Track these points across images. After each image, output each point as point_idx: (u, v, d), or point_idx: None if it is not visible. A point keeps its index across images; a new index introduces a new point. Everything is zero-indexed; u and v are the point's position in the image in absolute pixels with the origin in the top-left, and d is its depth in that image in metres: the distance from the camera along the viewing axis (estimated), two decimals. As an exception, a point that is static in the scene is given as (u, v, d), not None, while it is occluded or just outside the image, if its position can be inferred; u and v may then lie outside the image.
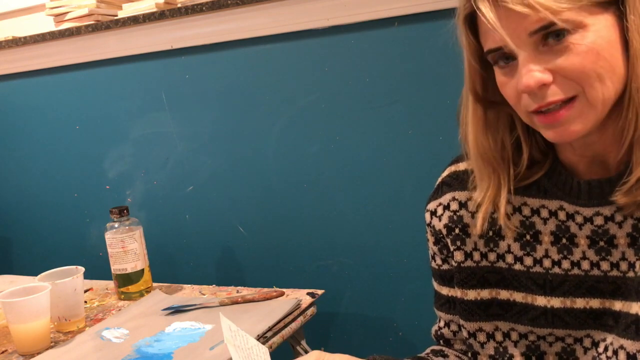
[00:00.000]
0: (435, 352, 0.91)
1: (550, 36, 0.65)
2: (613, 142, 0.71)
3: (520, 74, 0.67)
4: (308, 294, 1.32)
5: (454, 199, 0.84)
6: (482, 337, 0.82)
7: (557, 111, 0.67)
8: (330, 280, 1.57)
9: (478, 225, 0.80)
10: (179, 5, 1.59)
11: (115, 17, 1.70)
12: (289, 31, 1.50)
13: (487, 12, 0.67)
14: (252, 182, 1.64)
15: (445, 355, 0.90)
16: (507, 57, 0.69)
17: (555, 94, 0.67)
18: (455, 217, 0.84)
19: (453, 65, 1.35)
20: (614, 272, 0.73)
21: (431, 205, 0.88)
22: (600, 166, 0.74)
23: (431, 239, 0.89)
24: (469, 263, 0.83)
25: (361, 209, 1.51)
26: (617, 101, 0.68)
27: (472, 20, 0.71)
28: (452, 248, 0.84)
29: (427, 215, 0.88)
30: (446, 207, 0.85)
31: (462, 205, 0.83)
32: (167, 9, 1.60)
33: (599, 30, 0.65)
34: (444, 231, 0.85)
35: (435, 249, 0.88)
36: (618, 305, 0.73)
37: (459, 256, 0.83)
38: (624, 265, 0.73)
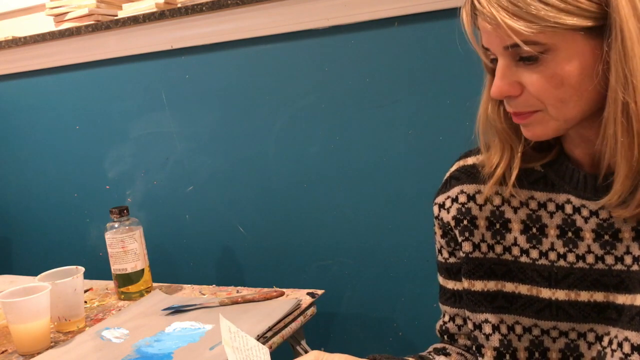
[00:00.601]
0: (437, 350, 0.91)
1: (522, 55, 0.67)
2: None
3: (494, 81, 0.71)
4: (308, 294, 1.32)
5: (462, 191, 0.85)
6: (487, 329, 0.83)
7: (523, 115, 0.72)
8: (330, 280, 1.57)
9: (486, 191, 0.82)
10: (179, 5, 1.59)
11: (115, 17, 1.70)
12: (289, 31, 1.50)
13: (465, 22, 0.71)
14: (252, 182, 1.64)
15: (447, 354, 0.90)
16: (496, 58, 0.72)
17: (518, 106, 0.71)
18: (463, 209, 0.85)
19: (453, 65, 1.36)
20: (619, 266, 0.74)
21: (439, 199, 0.89)
22: (601, 161, 0.74)
23: (439, 232, 0.90)
24: (476, 254, 0.84)
25: (361, 209, 1.51)
26: (598, 109, 0.69)
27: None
28: (460, 239, 0.85)
29: (435, 208, 0.89)
30: (454, 200, 0.86)
31: (471, 197, 0.85)
32: (167, 9, 1.60)
33: (572, 57, 0.66)
34: (452, 223, 0.86)
35: (443, 242, 0.89)
36: (622, 299, 0.73)
37: (467, 247, 0.84)
38: (628, 259, 0.73)
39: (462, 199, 0.85)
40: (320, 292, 1.34)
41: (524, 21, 0.64)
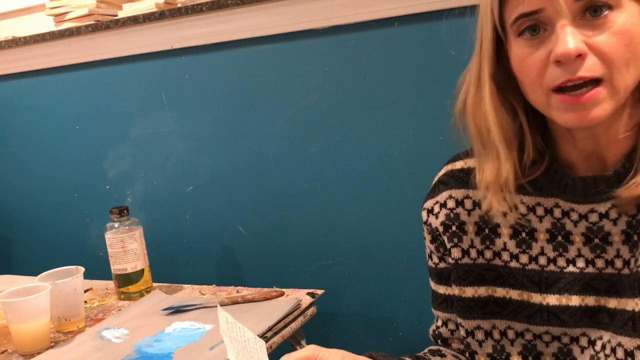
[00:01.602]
0: (432, 352, 0.91)
1: (590, 10, 0.65)
2: (617, 137, 0.71)
3: (559, 39, 0.65)
4: (308, 294, 1.32)
5: (450, 197, 0.84)
6: (480, 335, 0.82)
7: (583, 94, 0.66)
8: (330, 280, 1.57)
9: (494, 204, 0.77)
10: (179, 5, 1.59)
11: (115, 17, 1.70)
12: (289, 31, 1.50)
13: None
14: (252, 182, 1.64)
15: (442, 355, 0.90)
16: (535, 29, 0.67)
17: (586, 70, 0.65)
18: (452, 215, 0.84)
19: (453, 66, 1.35)
20: (609, 270, 0.73)
21: (428, 204, 0.88)
22: (597, 162, 0.74)
23: (428, 237, 0.89)
24: (465, 260, 0.83)
25: (361, 209, 1.51)
26: (630, 94, 0.68)
27: None
28: (449, 245, 0.84)
29: (424, 214, 0.88)
30: (443, 205, 0.85)
31: (459, 203, 0.83)
32: (167, 9, 1.60)
33: (634, 14, 0.66)
34: (441, 229, 0.85)
35: (432, 247, 0.88)
36: (613, 303, 0.73)
37: (456, 253, 0.83)
38: (618, 263, 0.73)
39: (451, 204, 0.84)
40: (320, 292, 1.34)
41: None
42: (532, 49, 0.68)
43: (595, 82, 0.66)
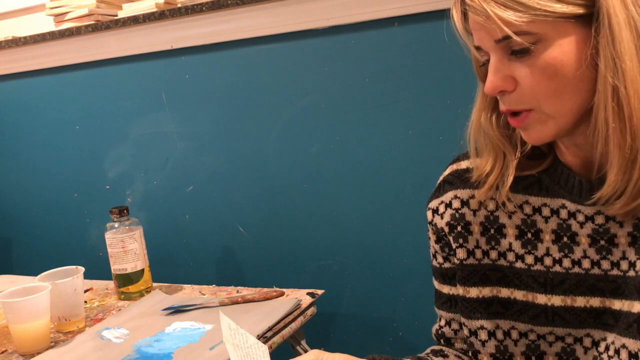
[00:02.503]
0: (435, 352, 0.91)
1: (514, 47, 0.67)
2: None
3: (487, 77, 0.70)
4: (308, 294, 1.32)
5: (455, 196, 0.84)
6: (483, 335, 0.82)
7: (519, 117, 0.70)
8: (330, 280, 1.57)
9: (477, 197, 0.81)
10: (179, 5, 1.59)
11: (115, 17, 1.70)
12: (289, 31, 1.50)
13: (456, 20, 0.70)
14: (252, 182, 1.64)
15: (445, 355, 0.90)
16: (488, 55, 0.71)
17: (512, 103, 0.70)
18: (457, 215, 0.84)
19: (453, 65, 1.36)
20: (615, 271, 0.73)
21: (433, 204, 0.88)
22: (594, 166, 0.74)
23: (433, 237, 0.89)
24: (471, 261, 0.83)
25: (361, 209, 1.51)
26: (588, 109, 0.68)
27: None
28: (454, 245, 0.84)
29: (429, 214, 0.88)
30: (448, 205, 0.85)
31: (464, 203, 0.84)
32: (167, 9, 1.60)
33: (563, 45, 0.65)
34: (446, 229, 0.85)
35: (437, 247, 0.88)
36: (618, 305, 0.73)
37: (461, 254, 0.83)
38: (624, 265, 0.73)
39: (456, 204, 0.84)
40: (320, 292, 1.33)
41: (513, 11, 0.64)
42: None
43: (526, 110, 0.69)
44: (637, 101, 0.64)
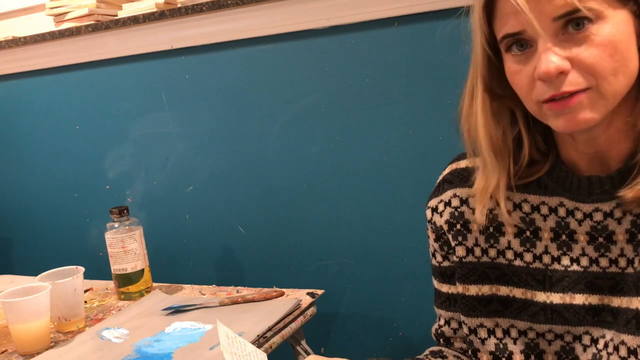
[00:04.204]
0: (434, 354, 0.91)
1: (571, 24, 0.65)
2: (618, 137, 0.72)
3: (540, 59, 0.66)
4: (308, 294, 1.32)
5: (455, 195, 0.85)
6: (482, 333, 0.82)
7: (570, 98, 0.66)
8: (330, 280, 1.57)
9: (477, 215, 0.80)
10: (179, 5, 1.59)
11: (115, 17, 1.70)
12: (289, 31, 1.50)
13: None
14: (252, 182, 1.64)
15: (444, 357, 0.90)
16: (522, 45, 0.69)
17: (570, 84, 0.66)
18: (456, 213, 0.84)
19: (453, 66, 1.35)
20: (613, 269, 0.74)
21: (432, 202, 0.88)
22: (600, 163, 0.74)
23: (432, 236, 0.89)
24: (470, 258, 0.83)
25: (361, 209, 1.51)
26: (627, 96, 0.68)
27: (489, 6, 0.71)
28: (453, 243, 0.85)
29: (428, 212, 0.89)
30: (447, 204, 0.85)
31: (463, 201, 0.84)
32: (167, 9, 1.60)
33: (618, 23, 0.65)
34: (445, 227, 0.85)
35: (436, 245, 0.89)
36: (617, 302, 0.73)
37: (460, 251, 0.84)
38: (622, 262, 0.73)
39: (455, 202, 0.85)
40: (320, 292, 1.34)
41: None
42: (521, 65, 0.69)
43: (582, 90, 0.67)
44: None
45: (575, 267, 0.76)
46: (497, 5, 0.70)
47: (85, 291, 1.49)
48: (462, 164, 0.86)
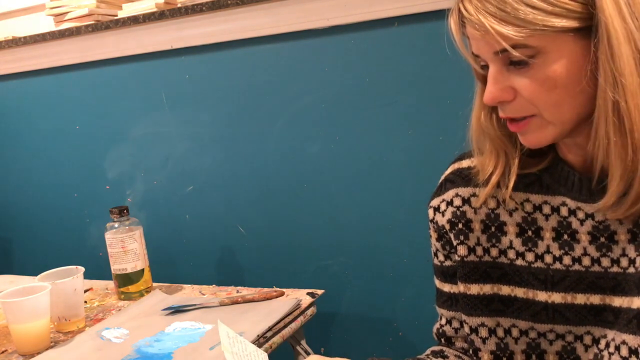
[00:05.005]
0: (435, 353, 0.91)
1: (512, 59, 0.67)
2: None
3: (486, 87, 0.70)
4: (308, 294, 1.32)
5: (457, 195, 0.85)
6: (484, 333, 0.83)
7: (519, 122, 0.71)
8: (330, 280, 1.57)
9: (481, 199, 0.82)
10: (179, 5, 1.59)
11: (115, 17, 1.70)
12: (289, 31, 1.50)
13: (454, 32, 0.71)
14: (252, 183, 1.64)
15: (445, 357, 0.90)
16: (487, 64, 0.71)
17: (512, 112, 0.70)
18: (458, 213, 0.84)
19: (453, 65, 1.35)
20: (615, 268, 0.74)
21: (434, 202, 0.88)
22: (595, 165, 0.74)
23: (434, 235, 0.89)
24: (472, 258, 0.83)
25: (361, 209, 1.51)
26: (588, 114, 0.68)
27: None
28: (455, 243, 0.85)
29: (430, 212, 0.89)
30: (449, 203, 0.86)
31: (465, 201, 0.84)
32: (167, 9, 1.60)
33: (562, 58, 0.65)
34: (447, 226, 0.86)
35: (438, 245, 0.89)
36: (618, 301, 0.73)
37: (462, 250, 0.84)
38: (624, 262, 0.73)
39: (457, 202, 0.85)
40: (320, 292, 1.34)
41: (512, 26, 0.64)
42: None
43: (529, 116, 0.70)
44: (638, 115, 0.64)
45: (576, 266, 0.76)
46: None
47: (85, 291, 1.49)
48: (464, 163, 0.86)
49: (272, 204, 1.63)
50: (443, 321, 0.92)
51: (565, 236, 0.77)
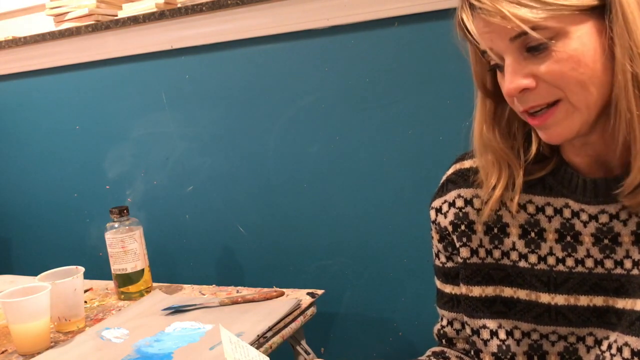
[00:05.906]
0: (436, 354, 0.91)
1: (531, 44, 0.66)
2: (617, 141, 0.71)
3: (505, 78, 0.69)
4: (308, 294, 1.32)
5: (459, 196, 0.85)
6: (485, 335, 0.82)
7: (543, 114, 0.69)
8: (330, 280, 1.57)
9: (485, 214, 0.81)
10: (179, 5, 1.59)
11: (115, 17, 1.70)
12: (289, 31, 1.50)
13: (468, 24, 0.69)
14: (252, 182, 1.64)
15: (446, 357, 0.90)
16: (501, 58, 0.70)
17: (537, 99, 0.68)
18: (461, 214, 0.84)
19: (453, 65, 1.36)
20: (618, 270, 0.73)
21: (436, 203, 0.88)
22: (603, 166, 0.74)
23: (436, 237, 0.89)
24: (474, 259, 0.83)
25: (361, 209, 1.51)
26: (607, 104, 0.68)
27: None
28: (457, 244, 0.85)
29: (432, 213, 0.88)
30: (451, 204, 0.85)
31: (468, 202, 0.84)
32: (167, 9, 1.60)
33: (581, 37, 0.65)
34: (450, 228, 0.85)
35: (440, 246, 0.88)
36: (621, 303, 0.73)
37: (464, 252, 0.84)
38: (628, 263, 0.73)
39: (460, 203, 0.84)
40: (320, 292, 1.33)
41: (528, 8, 0.64)
42: (502, 77, 0.72)
43: (552, 103, 0.68)
44: None
45: (580, 268, 0.76)
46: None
47: (85, 291, 1.49)
48: (466, 164, 0.86)
49: (272, 204, 1.63)
50: (444, 322, 0.92)
51: (569, 238, 0.77)
